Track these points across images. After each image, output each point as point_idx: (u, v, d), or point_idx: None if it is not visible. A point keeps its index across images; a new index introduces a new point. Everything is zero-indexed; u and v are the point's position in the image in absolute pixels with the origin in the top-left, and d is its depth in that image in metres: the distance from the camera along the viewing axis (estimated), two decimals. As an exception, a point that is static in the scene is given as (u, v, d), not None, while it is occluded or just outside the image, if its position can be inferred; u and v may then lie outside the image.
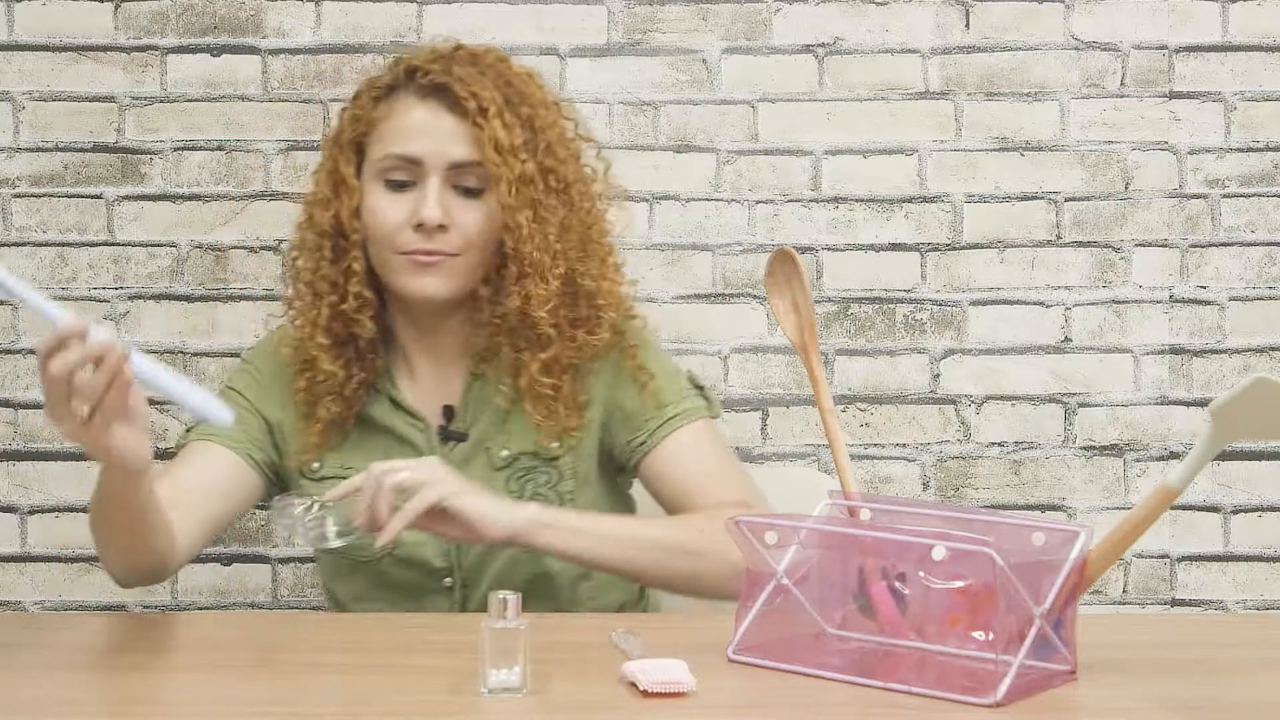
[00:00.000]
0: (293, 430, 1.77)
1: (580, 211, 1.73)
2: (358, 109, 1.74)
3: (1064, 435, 2.45)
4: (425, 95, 1.69)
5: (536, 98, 1.74)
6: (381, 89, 1.73)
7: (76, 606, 2.45)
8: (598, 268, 1.73)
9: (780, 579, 1.40)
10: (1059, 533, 1.32)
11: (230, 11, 2.43)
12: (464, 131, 1.67)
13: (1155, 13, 2.44)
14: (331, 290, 1.72)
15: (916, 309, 2.45)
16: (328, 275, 1.72)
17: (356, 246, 1.71)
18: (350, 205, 1.70)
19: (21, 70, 2.44)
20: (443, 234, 1.67)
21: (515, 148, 1.66)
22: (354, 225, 1.70)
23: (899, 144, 2.45)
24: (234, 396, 1.77)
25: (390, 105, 1.71)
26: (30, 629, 1.65)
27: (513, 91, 1.71)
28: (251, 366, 1.83)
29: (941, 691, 1.26)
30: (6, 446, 2.45)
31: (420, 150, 1.67)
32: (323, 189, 1.74)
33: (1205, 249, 2.45)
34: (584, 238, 1.73)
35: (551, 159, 1.71)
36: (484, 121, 1.66)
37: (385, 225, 1.68)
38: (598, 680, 1.32)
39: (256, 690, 1.35)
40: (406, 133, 1.68)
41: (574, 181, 1.73)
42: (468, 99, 1.66)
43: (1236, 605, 2.45)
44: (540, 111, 1.72)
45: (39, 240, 2.44)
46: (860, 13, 2.44)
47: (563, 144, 1.74)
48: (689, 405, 1.76)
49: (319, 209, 1.74)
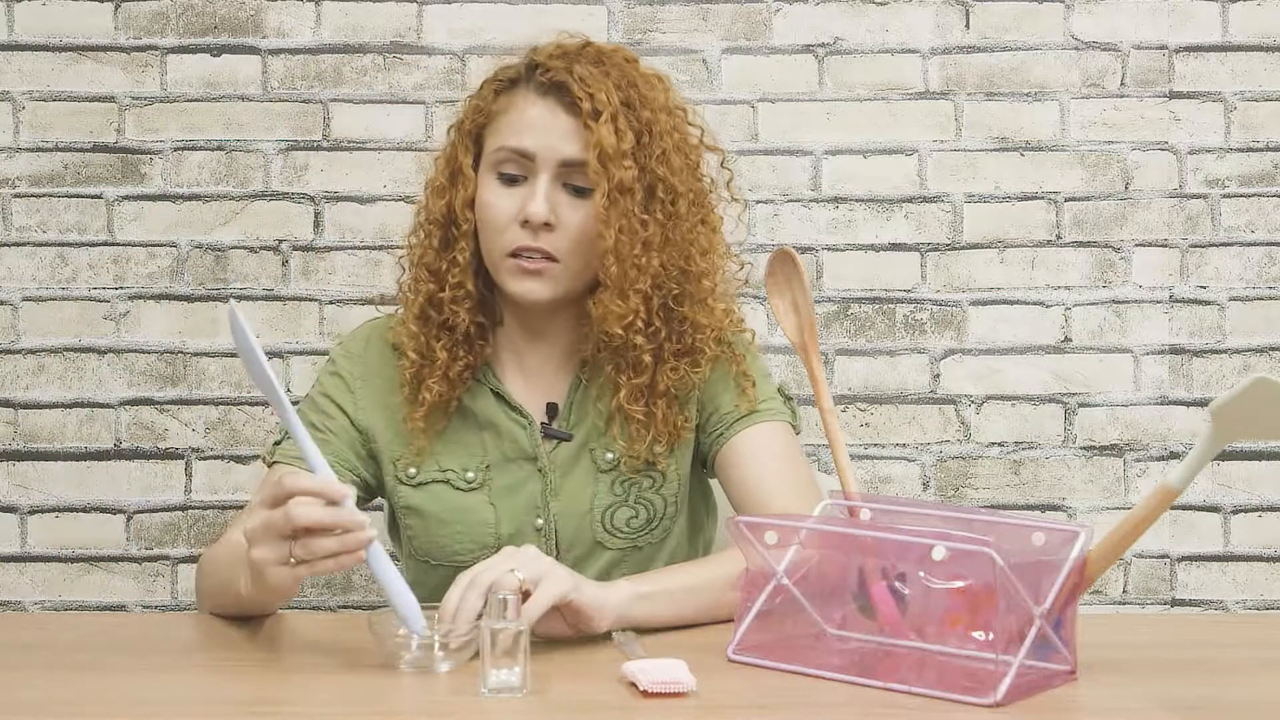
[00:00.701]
0: (389, 432, 1.73)
1: (685, 227, 1.69)
2: (480, 100, 1.72)
3: (1064, 435, 2.45)
4: (544, 92, 1.67)
5: (659, 102, 1.70)
6: (504, 82, 1.70)
7: (76, 606, 2.45)
8: (696, 290, 1.69)
9: (780, 579, 1.40)
10: (1059, 533, 1.32)
11: (230, 11, 2.43)
12: (577, 131, 1.64)
13: (1155, 13, 2.44)
14: (431, 278, 1.70)
15: (916, 309, 2.45)
16: (431, 263, 1.70)
17: (465, 237, 1.69)
18: (464, 195, 1.69)
19: (21, 70, 2.44)
20: (548, 232, 1.65)
21: (622, 153, 1.63)
22: (466, 215, 1.68)
23: (899, 144, 2.45)
24: (327, 405, 1.74)
25: (510, 99, 1.69)
26: (30, 629, 1.65)
27: (635, 94, 1.67)
28: (341, 369, 1.77)
29: (941, 691, 1.26)
30: (6, 446, 2.45)
31: (533, 145, 1.65)
32: (441, 176, 1.72)
33: (1205, 249, 2.45)
34: (685, 255, 1.68)
35: (664, 167, 1.67)
36: (594, 124, 1.63)
37: (495, 220, 1.66)
38: (598, 680, 1.32)
39: (256, 690, 1.34)
40: (521, 127, 1.66)
41: (684, 193, 1.69)
42: (583, 99, 1.64)
43: (1236, 605, 2.45)
44: (661, 117, 1.69)
45: (39, 240, 2.44)
46: (860, 13, 2.44)
47: (680, 152, 1.70)
48: (773, 407, 1.74)
49: (434, 196, 1.72)
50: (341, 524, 1.34)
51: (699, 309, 1.69)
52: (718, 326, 1.72)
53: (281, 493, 1.34)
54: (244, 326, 1.35)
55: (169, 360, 2.44)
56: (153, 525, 2.45)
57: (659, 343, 1.68)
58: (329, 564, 1.35)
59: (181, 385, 2.44)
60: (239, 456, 2.45)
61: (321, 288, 2.45)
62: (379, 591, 1.39)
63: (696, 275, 1.69)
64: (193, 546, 2.45)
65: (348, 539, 1.34)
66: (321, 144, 2.44)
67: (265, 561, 1.36)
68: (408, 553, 1.78)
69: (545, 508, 1.70)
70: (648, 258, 1.65)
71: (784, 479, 1.68)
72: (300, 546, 1.34)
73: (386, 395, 1.73)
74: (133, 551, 2.45)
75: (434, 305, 1.70)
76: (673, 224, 1.67)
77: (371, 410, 1.74)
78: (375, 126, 2.45)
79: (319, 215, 2.45)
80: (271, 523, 1.34)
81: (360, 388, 1.75)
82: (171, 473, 2.45)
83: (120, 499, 2.45)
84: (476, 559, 1.67)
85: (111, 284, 2.44)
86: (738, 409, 1.72)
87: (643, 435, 1.69)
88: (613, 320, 1.64)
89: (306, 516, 1.33)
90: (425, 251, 1.71)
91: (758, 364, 1.78)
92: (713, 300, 1.71)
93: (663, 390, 1.69)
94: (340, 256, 2.45)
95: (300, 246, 2.45)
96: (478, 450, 1.71)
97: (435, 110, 2.44)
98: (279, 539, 1.35)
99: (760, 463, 1.70)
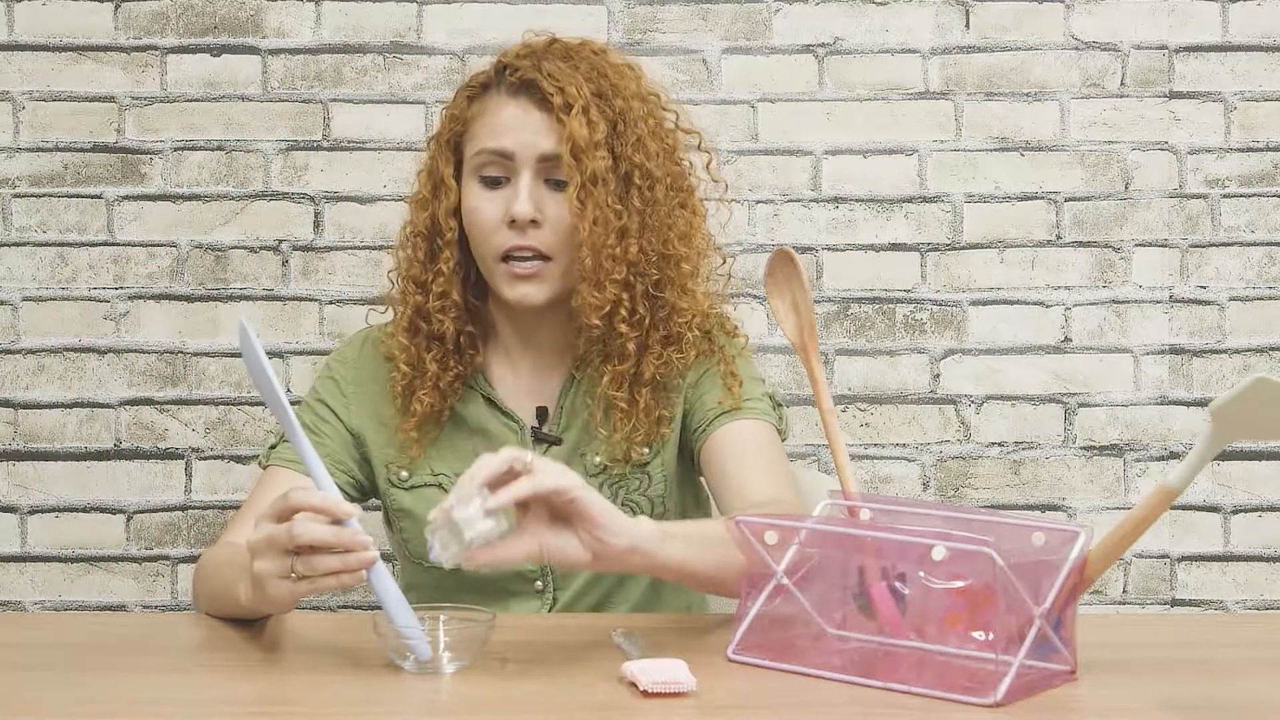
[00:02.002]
0: (381, 437, 1.75)
1: (664, 211, 1.70)
2: (455, 108, 1.74)
3: (1064, 435, 2.45)
4: (515, 92, 1.69)
5: (630, 90, 1.71)
6: (476, 88, 1.73)
7: (76, 606, 2.45)
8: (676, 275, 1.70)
9: (780, 579, 1.40)
10: (1059, 533, 1.32)
11: (230, 11, 2.43)
12: (551, 125, 1.66)
13: (1155, 13, 2.44)
14: (418, 290, 1.72)
15: (916, 309, 2.45)
16: (417, 275, 1.72)
17: (450, 246, 1.71)
18: (447, 205, 1.71)
19: (21, 70, 2.44)
20: (536, 230, 1.66)
21: (595, 144, 1.65)
22: (449, 224, 1.71)
23: (899, 144, 2.45)
24: (320, 409, 1.76)
25: (483, 103, 1.71)
26: (30, 629, 1.65)
27: (605, 84, 1.69)
28: (336, 374, 1.80)
29: (941, 691, 1.26)
30: (6, 446, 2.45)
31: (510, 144, 1.67)
32: (423, 188, 1.75)
33: (1205, 249, 2.45)
34: (664, 239, 1.70)
35: (640, 153, 1.69)
36: (566, 118, 1.65)
37: (483, 223, 1.68)
38: (598, 680, 1.32)
39: (256, 690, 1.34)
40: (497, 129, 1.68)
41: (661, 178, 1.70)
42: (554, 94, 1.66)
43: (1236, 605, 2.45)
44: (634, 104, 1.70)
45: (39, 240, 2.44)
46: (860, 13, 2.44)
47: (656, 138, 1.71)
48: (757, 407, 1.74)
49: (418, 208, 1.74)
50: (344, 544, 1.34)
51: (679, 294, 1.70)
52: (699, 311, 1.72)
53: (287, 508, 1.34)
54: (255, 343, 1.35)
55: (169, 360, 2.44)
56: (153, 525, 2.45)
57: (643, 330, 1.69)
58: (330, 582, 1.35)
59: (181, 385, 2.44)
60: (239, 456, 2.45)
61: (321, 288, 2.45)
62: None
63: (676, 259, 1.70)
64: (193, 546, 2.45)
65: (350, 558, 1.34)
66: (321, 144, 2.44)
67: (267, 574, 1.36)
68: (403, 554, 1.78)
69: None
70: (623, 246, 1.66)
71: (761, 470, 1.68)
72: (302, 563, 1.34)
73: (379, 401, 1.75)
74: (133, 551, 2.45)
75: (422, 316, 1.72)
76: (651, 209, 1.69)
77: (363, 415, 1.76)
78: (375, 126, 2.45)
79: (319, 215, 2.45)
80: (275, 538, 1.35)
81: (353, 393, 1.77)
82: (171, 473, 2.45)
83: (120, 499, 2.45)
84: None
85: (111, 284, 2.44)
86: (721, 405, 1.72)
87: (624, 425, 1.69)
88: (590, 311, 1.66)
89: (310, 534, 1.33)
90: (411, 264, 1.73)
91: (749, 368, 1.78)
92: (693, 284, 1.72)
93: (648, 379, 1.69)
94: (340, 256, 2.45)
95: (300, 246, 2.45)
96: (469, 455, 1.69)
97: (435, 110, 2.44)
98: (281, 553, 1.35)
99: (739, 453, 1.69)
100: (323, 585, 1.35)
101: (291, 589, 1.36)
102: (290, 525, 1.33)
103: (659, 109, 1.74)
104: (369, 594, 2.46)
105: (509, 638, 1.43)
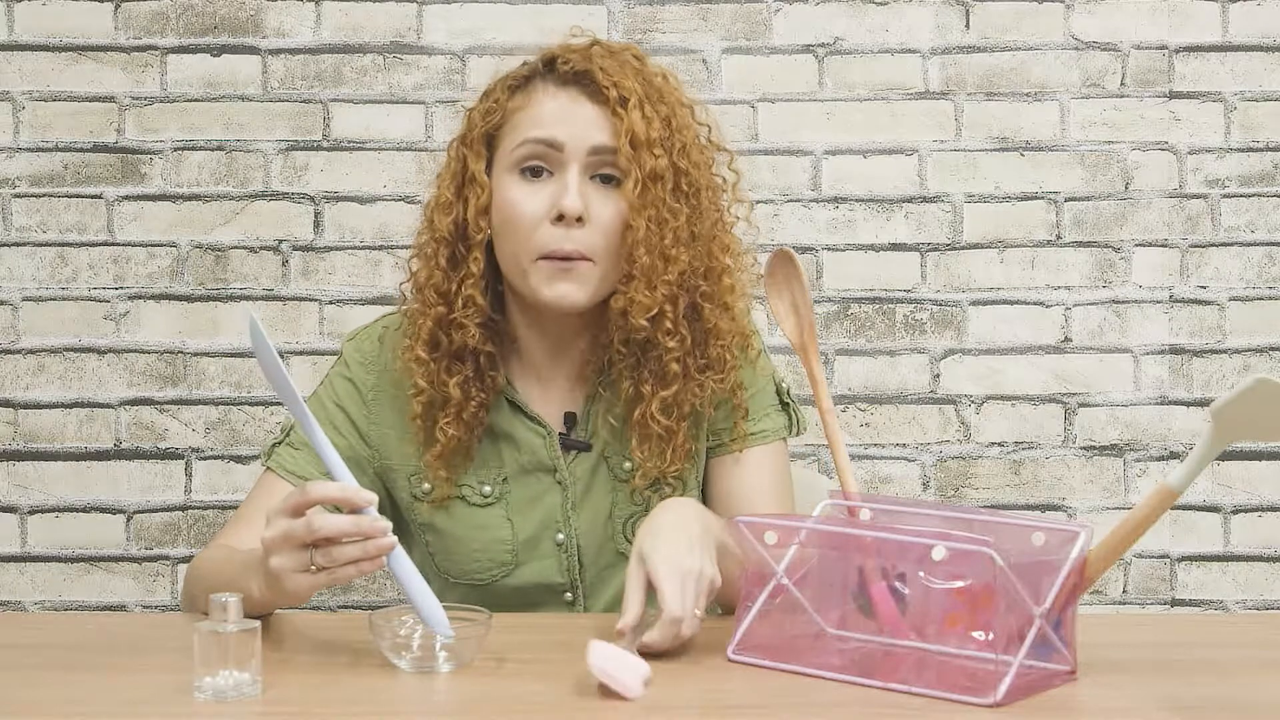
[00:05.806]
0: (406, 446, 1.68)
1: (708, 222, 1.64)
2: (491, 102, 1.64)
3: (1064, 435, 2.45)
4: (565, 83, 1.60)
5: (674, 97, 1.65)
6: (518, 79, 1.64)
7: (76, 606, 2.45)
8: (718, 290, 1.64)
9: (780, 579, 1.40)
10: (1059, 533, 1.32)
11: (230, 11, 2.43)
12: (604, 119, 1.58)
13: (1155, 13, 2.44)
14: (440, 300, 1.62)
15: (916, 309, 2.45)
16: (439, 284, 1.62)
17: (478, 248, 1.61)
18: (478, 203, 1.61)
19: (21, 70, 2.44)
20: (580, 229, 1.57)
21: (652, 141, 1.58)
22: (479, 225, 1.60)
23: (899, 144, 2.45)
24: (336, 415, 1.68)
25: (528, 94, 1.62)
26: (30, 629, 1.65)
27: (651, 88, 1.62)
28: (355, 376, 1.70)
29: (941, 691, 1.26)
30: (6, 446, 2.45)
31: (561, 134, 1.57)
32: (445, 192, 1.64)
33: (1205, 249, 2.45)
34: (708, 251, 1.63)
35: (685, 160, 1.61)
36: (624, 111, 1.57)
37: (522, 218, 1.58)
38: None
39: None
40: (545, 118, 1.59)
41: (705, 188, 1.64)
42: (609, 87, 1.58)
43: (1236, 605, 2.45)
44: (677, 110, 1.64)
45: (39, 240, 2.44)
46: (860, 13, 2.44)
47: (697, 147, 1.65)
48: (766, 426, 1.71)
49: (440, 214, 1.63)
50: (363, 532, 1.33)
51: (720, 312, 1.65)
52: (739, 333, 1.68)
53: (303, 501, 1.34)
54: (265, 340, 1.34)
55: (169, 360, 2.44)
56: (153, 525, 2.45)
57: (685, 351, 1.63)
58: (350, 570, 1.34)
59: (181, 385, 2.44)
60: (239, 456, 2.45)
61: (321, 288, 2.45)
62: (396, 592, 1.38)
63: (718, 272, 1.64)
64: (193, 546, 2.45)
65: (369, 546, 1.33)
66: (321, 144, 2.44)
67: (284, 569, 1.35)
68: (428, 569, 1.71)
69: (566, 521, 1.66)
70: (677, 250, 1.59)
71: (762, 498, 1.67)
72: (322, 555, 1.34)
73: (402, 406, 1.67)
74: (133, 551, 2.45)
75: (443, 327, 1.62)
76: (698, 218, 1.62)
77: (385, 425, 1.68)
78: (375, 126, 2.45)
79: (319, 215, 2.45)
80: (292, 532, 1.34)
81: (374, 399, 1.69)
82: (171, 473, 2.45)
83: (120, 499, 2.45)
84: (493, 577, 1.66)
85: (111, 284, 2.44)
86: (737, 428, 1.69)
87: (661, 452, 1.64)
88: (639, 311, 1.58)
89: (330, 526, 1.32)
90: (432, 273, 1.63)
91: (765, 365, 1.76)
92: (732, 299, 1.66)
93: (689, 410, 1.64)
94: (340, 256, 2.45)
95: (300, 246, 2.45)
96: (495, 463, 1.67)
97: (435, 110, 2.44)
98: (299, 547, 1.34)
99: (740, 483, 1.68)
100: (343, 574, 1.35)
101: (311, 581, 1.35)
102: (309, 519, 1.33)
103: (695, 121, 1.68)
104: (367, 594, 2.46)
105: (507, 637, 1.43)
